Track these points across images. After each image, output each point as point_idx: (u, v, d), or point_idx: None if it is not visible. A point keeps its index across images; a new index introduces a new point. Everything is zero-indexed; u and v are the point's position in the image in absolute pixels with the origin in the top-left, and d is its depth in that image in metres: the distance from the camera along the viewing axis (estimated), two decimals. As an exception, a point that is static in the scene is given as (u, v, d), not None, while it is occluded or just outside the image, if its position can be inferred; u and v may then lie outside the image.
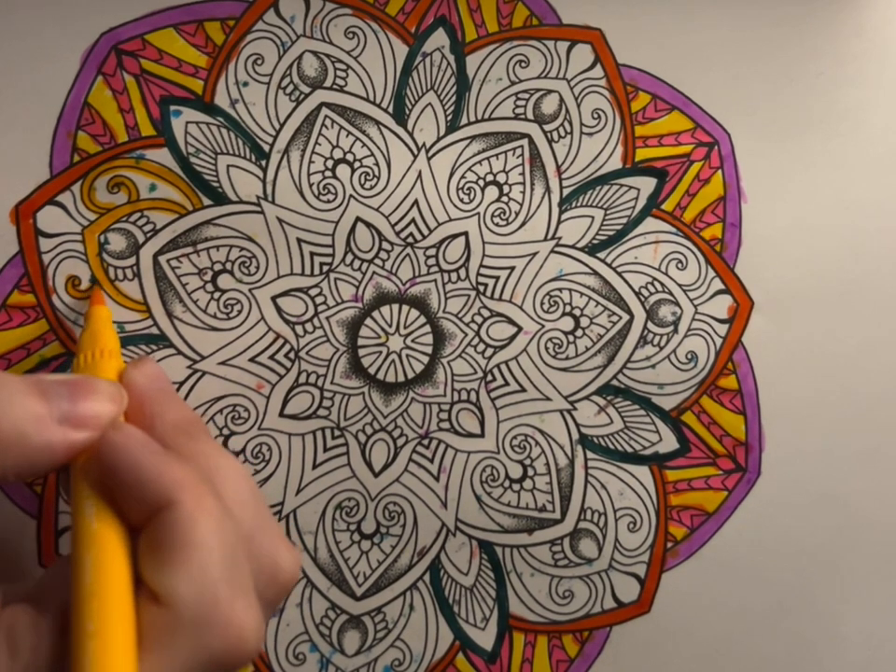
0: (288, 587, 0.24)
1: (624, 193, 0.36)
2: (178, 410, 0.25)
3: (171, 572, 0.20)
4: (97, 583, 0.20)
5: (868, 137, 0.38)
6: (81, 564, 0.20)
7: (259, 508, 0.24)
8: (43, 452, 0.21)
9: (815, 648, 0.38)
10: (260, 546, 0.23)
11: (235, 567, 0.21)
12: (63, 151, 0.32)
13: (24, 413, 0.21)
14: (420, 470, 0.35)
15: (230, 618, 0.20)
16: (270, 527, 0.24)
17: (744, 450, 0.37)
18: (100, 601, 0.20)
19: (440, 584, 0.35)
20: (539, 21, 0.35)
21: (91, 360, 0.26)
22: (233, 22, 0.33)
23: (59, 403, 0.22)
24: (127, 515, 0.21)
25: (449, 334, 0.35)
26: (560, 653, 0.36)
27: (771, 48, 0.37)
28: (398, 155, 0.34)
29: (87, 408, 0.22)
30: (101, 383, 0.23)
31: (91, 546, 0.21)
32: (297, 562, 0.24)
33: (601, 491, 0.36)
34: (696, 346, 0.36)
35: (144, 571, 0.21)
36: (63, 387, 0.22)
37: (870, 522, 0.38)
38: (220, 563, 0.21)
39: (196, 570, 0.20)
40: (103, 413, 0.22)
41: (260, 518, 0.23)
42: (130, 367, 0.26)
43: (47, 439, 0.21)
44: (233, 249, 0.33)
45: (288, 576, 0.23)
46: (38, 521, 0.32)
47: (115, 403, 0.23)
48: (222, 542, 0.21)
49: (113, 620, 0.19)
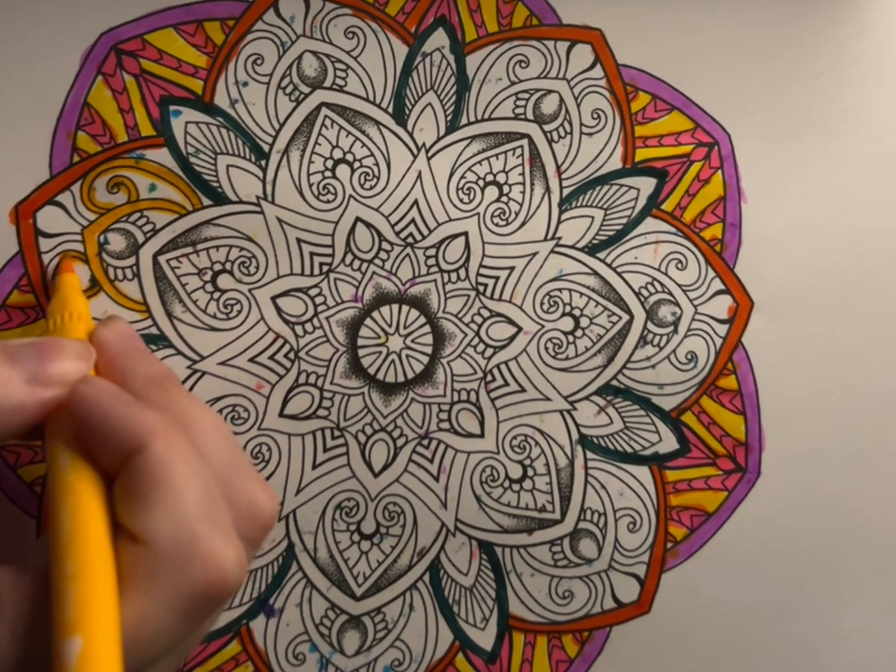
0: (268, 525, 0.24)
1: (624, 193, 0.36)
2: (149, 364, 0.25)
3: (147, 511, 0.20)
4: (74, 529, 0.20)
5: (868, 137, 0.38)
6: (58, 513, 0.20)
7: (233, 451, 0.24)
8: (14, 412, 0.21)
9: (815, 648, 0.38)
10: (237, 487, 0.23)
11: (212, 505, 0.21)
12: (62, 151, 0.32)
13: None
14: (420, 471, 0.35)
15: (209, 552, 0.20)
16: (245, 469, 0.24)
17: (744, 450, 0.37)
18: (78, 545, 0.20)
19: (439, 584, 0.35)
20: (539, 21, 0.35)
21: (61, 323, 0.26)
22: (233, 22, 0.33)
23: (26, 365, 0.22)
24: (102, 465, 0.22)
25: (449, 334, 0.35)
26: (560, 654, 0.36)
27: (771, 48, 0.37)
28: (397, 155, 0.34)
29: (54, 367, 0.22)
30: (67, 342, 0.24)
31: (67, 495, 0.21)
32: (274, 500, 0.24)
33: (601, 491, 0.36)
34: (696, 346, 0.36)
35: (121, 516, 0.21)
36: (30, 349, 0.23)
37: (870, 522, 0.38)
38: (196, 500, 0.21)
39: (172, 507, 0.20)
40: (70, 371, 0.23)
41: (235, 460, 0.24)
42: (99, 325, 0.26)
43: (17, 400, 0.21)
44: (233, 249, 0.33)
45: (267, 514, 0.24)
46: (38, 521, 0.32)
47: (83, 360, 0.23)
48: (197, 481, 0.21)
49: (92, 561, 0.19)
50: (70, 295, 0.28)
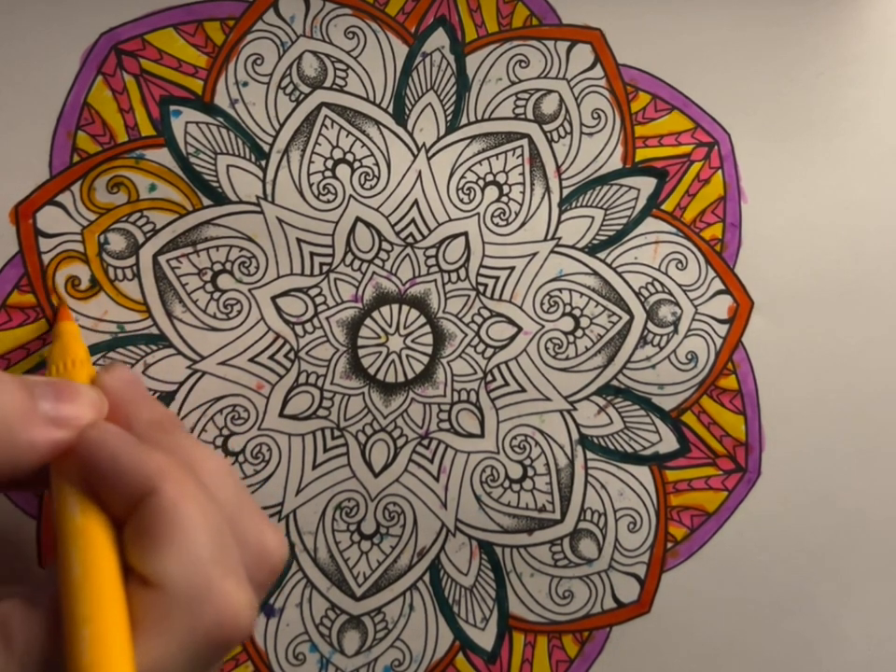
0: (277, 568, 0.24)
1: (624, 193, 0.36)
2: (153, 409, 0.25)
3: (160, 555, 0.20)
4: (86, 572, 0.20)
5: (868, 137, 0.38)
6: (69, 557, 0.20)
7: (239, 492, 0.24)
8: (26, 449, 0.21)
9: (815, 648, 0.38)
10: (246, 529, 0.23)
11: (223, 548, 0.21)
12: (62, 151, 0.32)
13: (12, 407, 0.21)
14: (420, 471, 0.35)
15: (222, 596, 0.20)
16: (252, 510, 0.24)
17: (744, 450, 0.37)
18: (90, 588, 0.20)
19: (439, 585, 0.35)
20: (539, 20, 0.35)
21: (64, 370, 0.26)
22: (233, 22, 0.33)
23: (43, 402, 0.22)
24: (110, 509, 0.22)
25: (449, 334, 0.35)
26: (560, 654, 0.36)
27: (771, 48, 0.37)
28: (398, 155, 0.34)
29: (69, 409, 0.23)
30: (83, 387, 0.24)
31: (77, 539, 0.21)
32: (283, 542, 0.24)
33: (601, 491, 0.36)
34: (696, 346, 0.36)
35: (132, 560, 0.21)
36: (48, 387, 0.23)
37: (870, 522, 0.38)
38: (208, 544, 0.21)
39: (185, 551, 0.20)
40: (84, 415, 0.23)
41: (243, 502, 0.24)
42: (102, 372, 0.26)
43: (31, 436, 0.21)
44: (233, 249, 0.33)
45: (276, 557, 0.24)
46: (38, 521, 0.32)
47: (95, 407, 0.24)
48: (208, 524, 0.21)
49: (105, 605, 0.19)
50: (70, 342, 0.28)
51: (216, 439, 0.33)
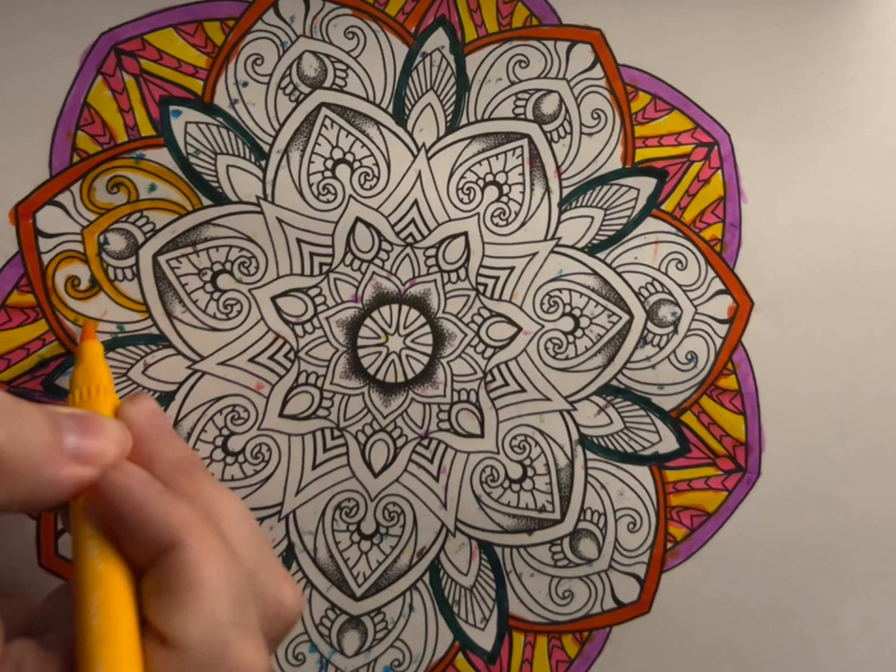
0: (292, 623, 0.24)
1: (624, 193, 0.36)
2: (176, 448, 0.25)
3: (179, 614, 0.20)
4: (105, 627, 0.20)
5: (868, 137, 0.38)
6: (87, 606, 0.20)
7: (260, 544, 0.23)
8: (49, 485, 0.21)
9: (814, 647, 0.38)
10: (264, 583, 0.23)
11: (243, 609, 0.21)
12: (62, 151, 0.32)
13: (38, 441, 0.21)
14: (420, 471, 0.35)
15: (239, 660, 0.20)
16: (272, 564, 0.23)
17: (744, 450, 0.37)
18: (109, 645, 0.19)
19: (439, 585, 0.35)
20: (539, 21, 0.35)
21: (87, 397, 0.26)
22: (233, 22, 0.33)
23: (68, 437, 0.22)
24: (130, 556, 0.21)
25: (449, 334, 0.35)
26: (560, 654, 0.36)
27: (771, 48, 0.37)
28: (397, 155, 0.34)
29: (94, 445, 0.22)
30: (108, 421, 0.23)
31: (96, 588, 0.20)
32: (300, 598, 0.24)
33: (601, 491, 0.36)
34: (696, 346, 0.36)
35: (150, 613, 0.20)
36: (73, 421, 0.22)
37: (870, 522, 0.38)
38: (229, 605, 0.20)
39: (205, 612, 0.20)
40: (108, 453, 0.22)
41: (262, 555, 0.23)
42: (126, 403, 0.25)
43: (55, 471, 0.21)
44: (233, 249, 0.33)
45: (292, 613, 0.23)
46: (38, 521, 0.32)
47: (120, 444, 0.23)
48: (230, 584, 0.21)
49: (122, 664, 0.19)
50: (95, 365, 0.28)
51: (215, 439, 0.33)
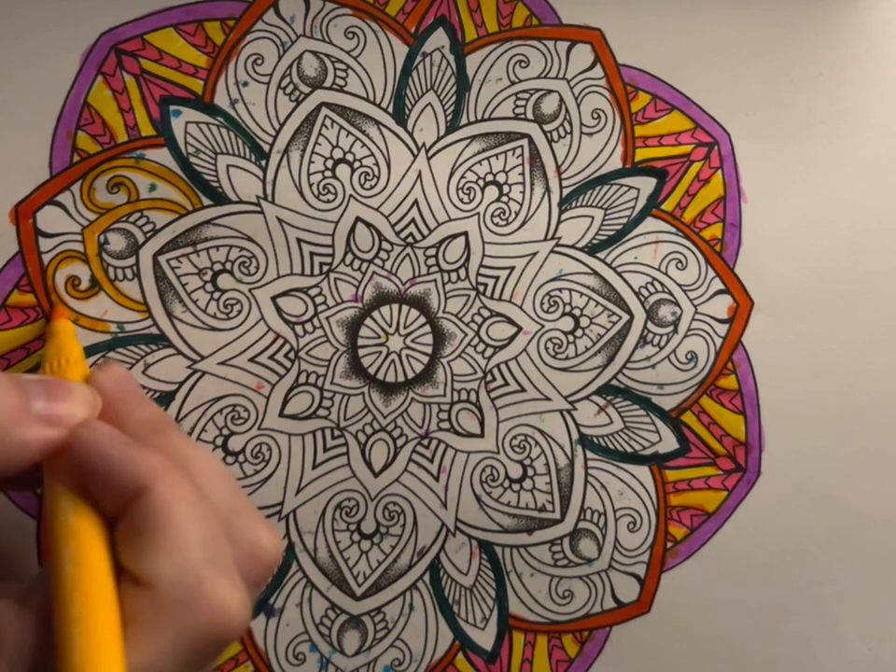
0: (272, 566, 0.24)
1: (624, 193, 0.36)
2: (146, 408, 0.25)
3: (152, 555, 0.20)
4: (77, 573, 0.20)
5: (868, 137, 0.38)
6: (61, 557, 0.20)
7: (234, 491, 0.24)
8: (18, 447, 0.21)
9: (814, 647, 0.38)
10: (240, 528, 0.23)
11: (216, 548, 0.21)
12: (62, 151, 0.32)
13: (4, 405, 0.21)
14: (420, 470, 0.35)
15: (214, 596, 0.20)
16: (247, 509, 0.24)
17: (744, 450, 0.37)
18: (82, 589, 0.20)
19: (439, 584, 0.35)
20: (539, 21, 0.35)
21: (58, 368, 0.26)
22: (233, 22, 0.33)
23: (35, 401, 0.22)
24: (103, 508, 0.22)
25: (449, 334, 0.35)
26: (560, 653, 0.36)
27: (771, 48, 0.37)
28: (397, 155, 0.34)
29: (62, 407, 0.22)
30: (76, 385, 0.24)
31: (69, 539, 0.21)
32: (278, 541, 0.24)
33: (601, 491, 0.36)
34: (696, 346, 0.36)
35: (124, 560, 0.21)
36: (40, 386, 0.23)
37: (870, 522, 0.38)
38: (200, 543, 0.21)
39: (177, 551, 0.20)
40: (76, 414, 0.23)
41: (237, 501, 0.24)
42: (96, 370, 0.26)
43: (23, 434, 0.21)
44: (233, 249, 0.33)
45: (270, 555, 0.24)
46: (38, 521, 0.32)
47: (88, 405, 0.24)
48: (200, 524, 0.21)
49: (96, 605, 0.19)
50: (65, 340, 0.28)
51: (216, 439, 0.33)
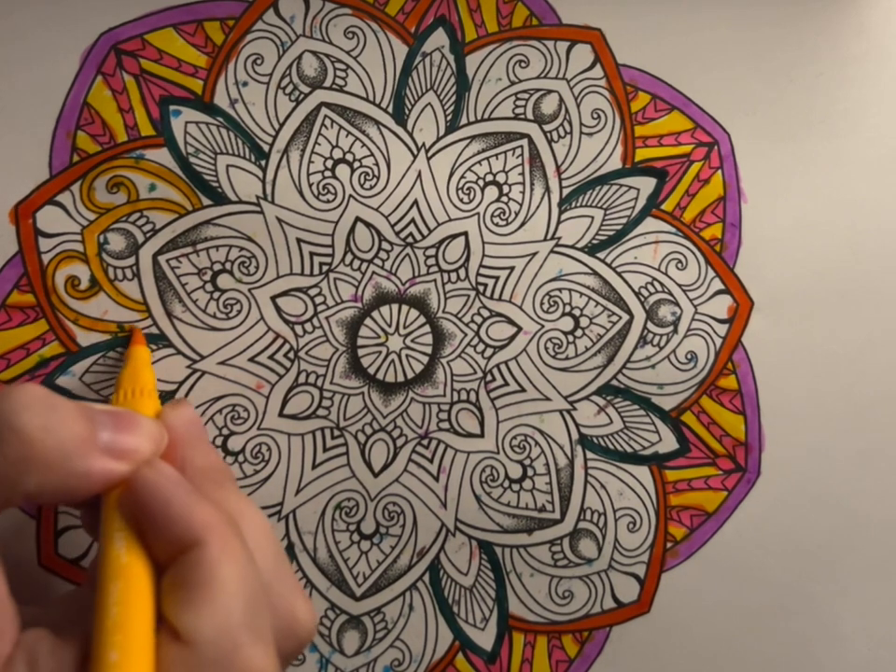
0: (305, 641, 0.24)
1: (624, 193, 0.36)
2: (208, 455, 0.25)
3: (194, 611, 0.20)
4: (122, 615, 0.20)
5: (868, 137, 0.38)
6: (107, 595, 0.20)
7: (278, 557, 0.24)
8: (81, 477, 0.21)
9: (814, 648, 0.38)
10: (279, 596, 0.23)
11: (257, 613, 0.21)
12: (62, 151, 0.32)
13: (71, 434, 0.21)
14: (420, 470, 0.35)
15: (248, 662, 0.20)
16: (288, 578, 0.24)
17: (744, 450, 0.37)
18: (124, 633, 0.20)
19: (439, 584, 0.35)
20: (539, 20, 0.35)
21: (131, 397, 0.26)
22: (233, 22, 0.33)
23: (102, 432, 0.22)
24: (154, 552, 0.21)
25: (449, 334, 0.35)
26: (560, 654, 0.36)
27: (771, 48, 0.37)
28: (397, 155, 0.34)
29: (128, 441, 0.22)
30: (144, 419, 0.24)
31: (118, 578, 0.21)
32: (314, 616, 0.24)
33: (601, 491, 0.36)
34: (696, 346, 0.36)
35: (166, 609, 0.21)
36: (108, 417, 0.23)
37: (870, 522, 0.38)
38: (243, 607, 0.21)
39: (219, 612, 0.20)
40: (142, 449, 0.23)
41: (280, 568, 0.24)
42: (167, 408, 0.26)
43: (88, 464, 0.21)
44: (233, 249, 0.33)
45: (306, 631, 0.24)
46: (38, 521, 0.32)
47: (154, 442, 0.23)
48: (246, 587, 0.21)
49: (136, 653, 0.19)
50: (141, 369, 0.28)
51: (215, 438, 0.33)
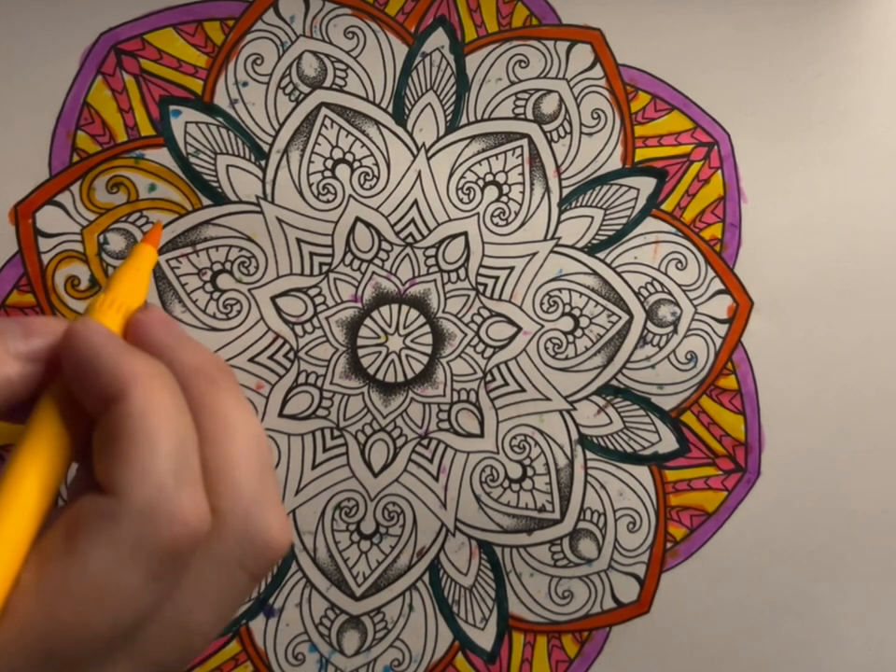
0: (274, 562, 0.24)
1: (624, 193, 0.36)
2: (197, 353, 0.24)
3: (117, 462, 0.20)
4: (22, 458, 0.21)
5: (868, 137, 0.38)
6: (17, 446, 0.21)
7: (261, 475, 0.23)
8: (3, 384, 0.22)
9: (815, 648, 0.38)
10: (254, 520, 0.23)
11: (184, 461, 0.21)
12: (62, 151, 0.32)
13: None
14: (419, 470, 0.35)
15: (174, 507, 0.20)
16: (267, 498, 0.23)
17: (743, 450, 0.37)
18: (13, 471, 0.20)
19: (439, 584, 0.35)
20: (539, 21, 0.35)
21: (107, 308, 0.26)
22: (233, 22, 0.33)
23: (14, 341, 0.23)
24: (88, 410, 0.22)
25: (448, 334, 0.35)
26: (559, 653, 0.36)
27: (771, 48, 0.37)
28: (397, 155, 0.34)
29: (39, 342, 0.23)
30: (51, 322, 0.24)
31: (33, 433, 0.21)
32: (287, 537, 0.23)
33: (600, 491, 0.36)
34: (696, 346, 0.36)
35: (96, 466, 0.21)
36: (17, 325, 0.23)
37: (870, 522, 0.38)
38: (168, 456, 0.21)
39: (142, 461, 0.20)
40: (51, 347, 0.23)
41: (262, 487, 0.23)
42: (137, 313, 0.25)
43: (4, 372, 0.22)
44: (233, 249, 0.33)
45: (276, 553, 0.23)
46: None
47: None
48: (171, 436, 0.21)
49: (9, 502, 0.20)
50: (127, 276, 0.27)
51: (215, 438, 0.33)
